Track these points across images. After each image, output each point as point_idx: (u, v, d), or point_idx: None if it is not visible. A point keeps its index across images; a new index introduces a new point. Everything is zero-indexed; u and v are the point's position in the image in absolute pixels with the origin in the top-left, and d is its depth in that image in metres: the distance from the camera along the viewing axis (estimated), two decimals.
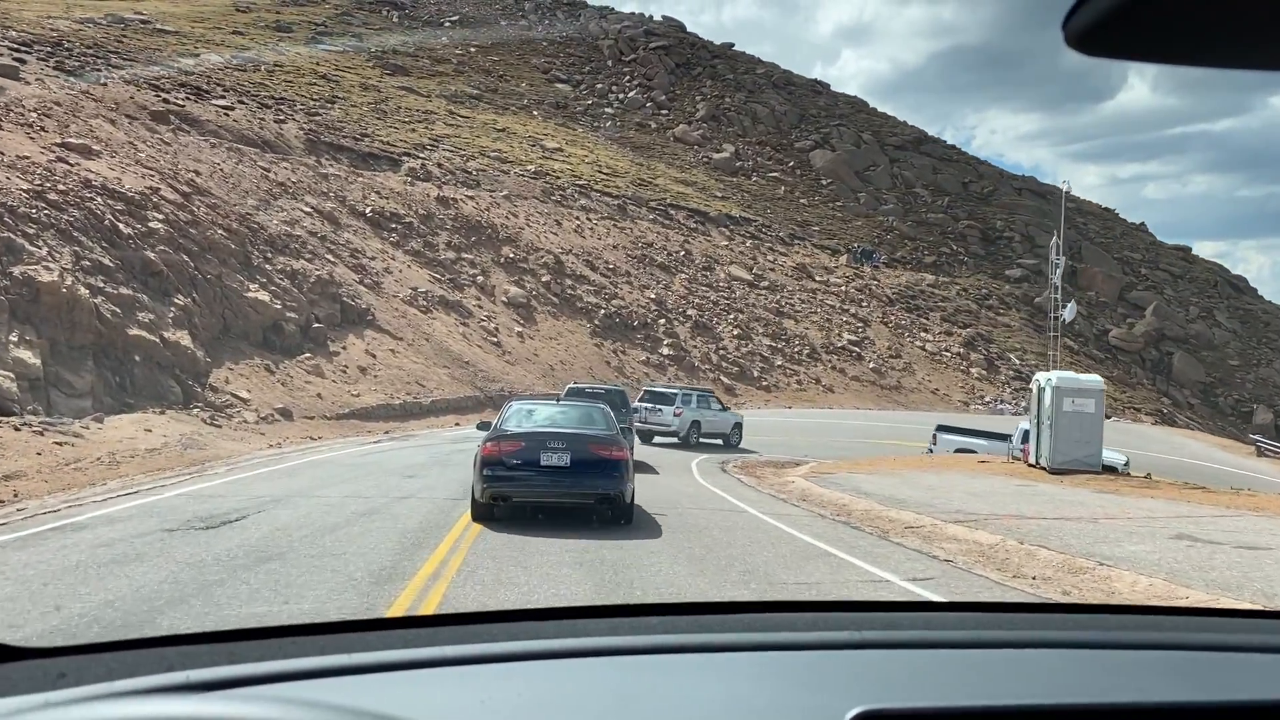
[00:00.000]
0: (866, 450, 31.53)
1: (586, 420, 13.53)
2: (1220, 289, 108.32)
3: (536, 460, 12.23)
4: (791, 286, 67.31)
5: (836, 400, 54.39)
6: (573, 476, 12.21)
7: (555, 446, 12.31)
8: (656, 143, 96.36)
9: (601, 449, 12.41)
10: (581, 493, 12.29)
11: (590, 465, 12.24)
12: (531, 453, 12.26)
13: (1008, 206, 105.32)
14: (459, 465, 18.64)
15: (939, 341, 69.79)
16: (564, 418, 13.62)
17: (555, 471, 12.20)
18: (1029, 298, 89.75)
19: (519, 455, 12.25)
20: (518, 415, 13.81)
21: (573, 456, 12.24)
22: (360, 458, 21.76)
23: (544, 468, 12.20)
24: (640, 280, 57.69)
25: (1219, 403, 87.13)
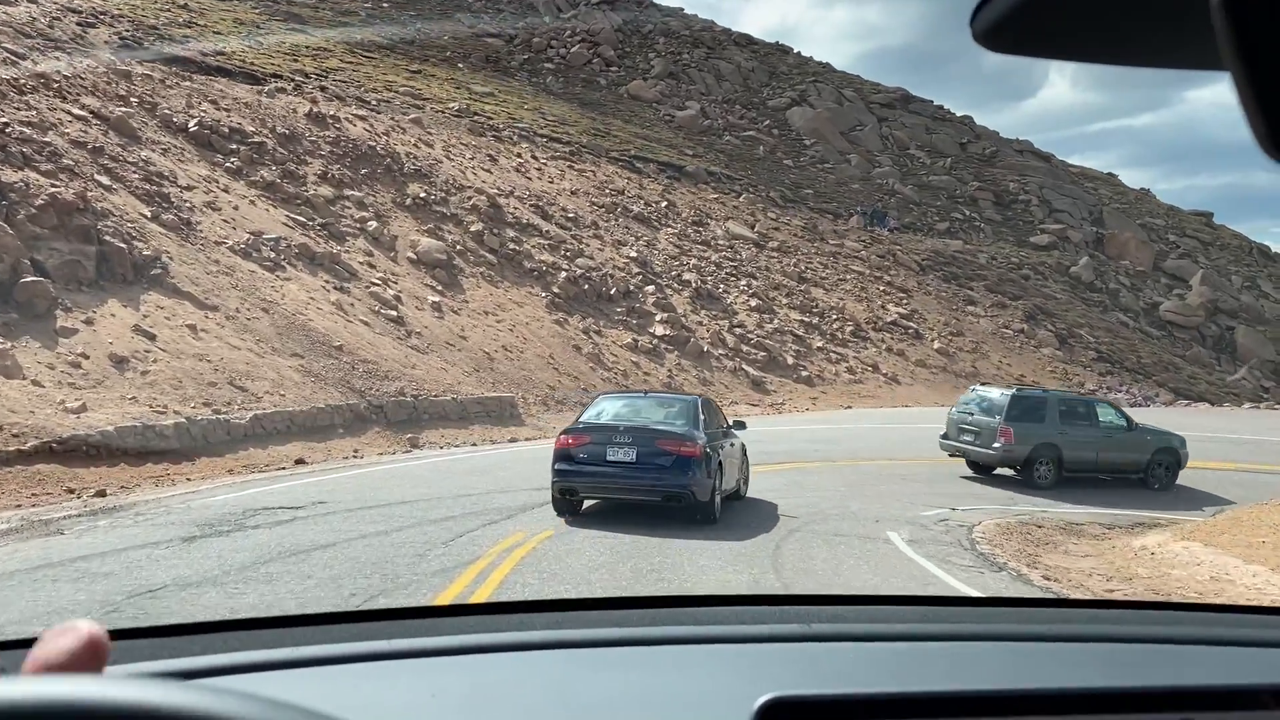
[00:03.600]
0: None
1: (661, 414, 12.57)
2: (1254, 257, 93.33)
3: (603, 455, 11.63)
4: (806, 249, 49.46)
5: (907, 395, 36.84)
6: (638, 472, 11.54)
7: (621, 441, 11.67)
8: (608, 99, 78.22)
9: (670, 444, 11.55)
10: (647, 489, 11.55)
11: (657, 461, 11.50)
12: (598, 447, 11.68)
13: (1016, 168, 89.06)
14: None
15: (993, 316, 52.54)
16: (637, 412, 12.67)
17: (621, 467, 11.58)
18: (1063, 266, 73.50)
19: (586, 450, 11.71)
20: (598, 407, 13.12)
21: (639, 452, 11.58)
22: None
23: (610, 463, 11.59)
24: (613, 234, 39.66)
25: None
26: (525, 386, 27.25)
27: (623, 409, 12.89)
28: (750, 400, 32.27)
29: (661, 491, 11.48)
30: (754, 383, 33.61)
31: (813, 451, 21.10)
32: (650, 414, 12.64)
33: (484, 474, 16.13)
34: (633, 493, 11.68)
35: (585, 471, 11.67)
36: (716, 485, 11.90)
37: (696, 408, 12.71)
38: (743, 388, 33.21)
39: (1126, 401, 42.74)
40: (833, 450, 21.48)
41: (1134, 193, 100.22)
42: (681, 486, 11.40)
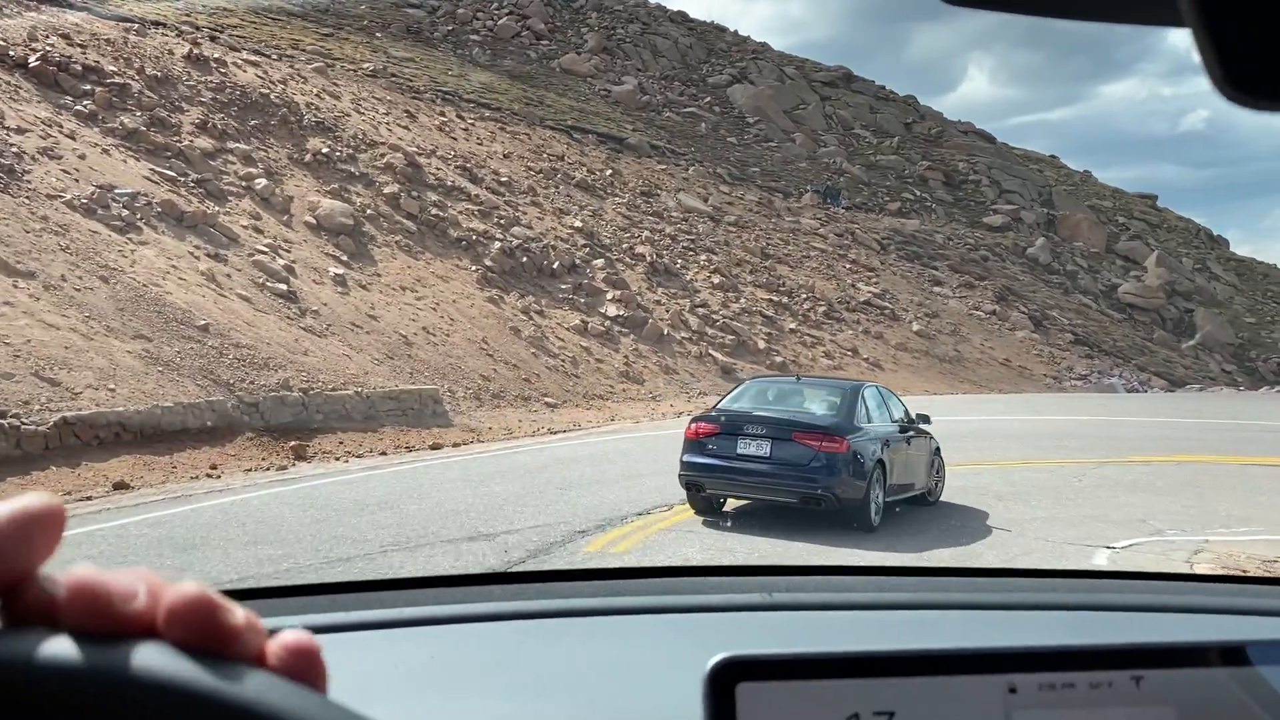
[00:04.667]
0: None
1: (810, 403, 11.00)
2: (1202, 239, 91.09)
3: (733, 447, 10.06)
4: (764, 225, 44.42)
5: (892, 383, 32.04)
6: (771, 469, 9.92)
7: (753, 432, 10.04)
8: (539, 73, 72.56)
9: (809, 438, 9.88)
10: (781, 488, 9.95)
11: (793, 457, 9.88)
12: (729, 438, 10.10)
13: (964, 148, 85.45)
14: None
15: (962, 298, 48.13)
16: (783, 399, 11.17)
17: (752, 461, 10.01)
18: (1019, 248, 69.83)
19: (715, 440, 10.18)
20: (740, 393, 11.68)
21: (773, 445, 9.94)
22: None
23: (740, 456, 10.06)
24: (554, 202, 34.11)
25: (1258, 368, 68.69)
26: (452, 377, 21.69)
27: (766, 395, 11.43)
28: (721, 390, 27.06)
29: (797, 492, 10.01)
30: (723, 370, 28.41)
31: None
32: (797, 402, 11.08)
33: (386, 509, 10.58)
34: (764, 492, 10.25)
35: (712, 465, 10.24)
36: (873, 488, 10.13)
37: (856, 397, 10.86)
38: (711, 376, 28.00)
39: (1122, 386, 38.52)
40: (980, 447, 16.62)
41: (1078, 175, 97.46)
42: (820, 487, 9.90)
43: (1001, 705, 0.76)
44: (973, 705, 0.75)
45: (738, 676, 0.73)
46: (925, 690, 0.76)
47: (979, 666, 0.77)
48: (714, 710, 0.72)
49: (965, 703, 0.76)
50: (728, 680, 0.73)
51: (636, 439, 17.99)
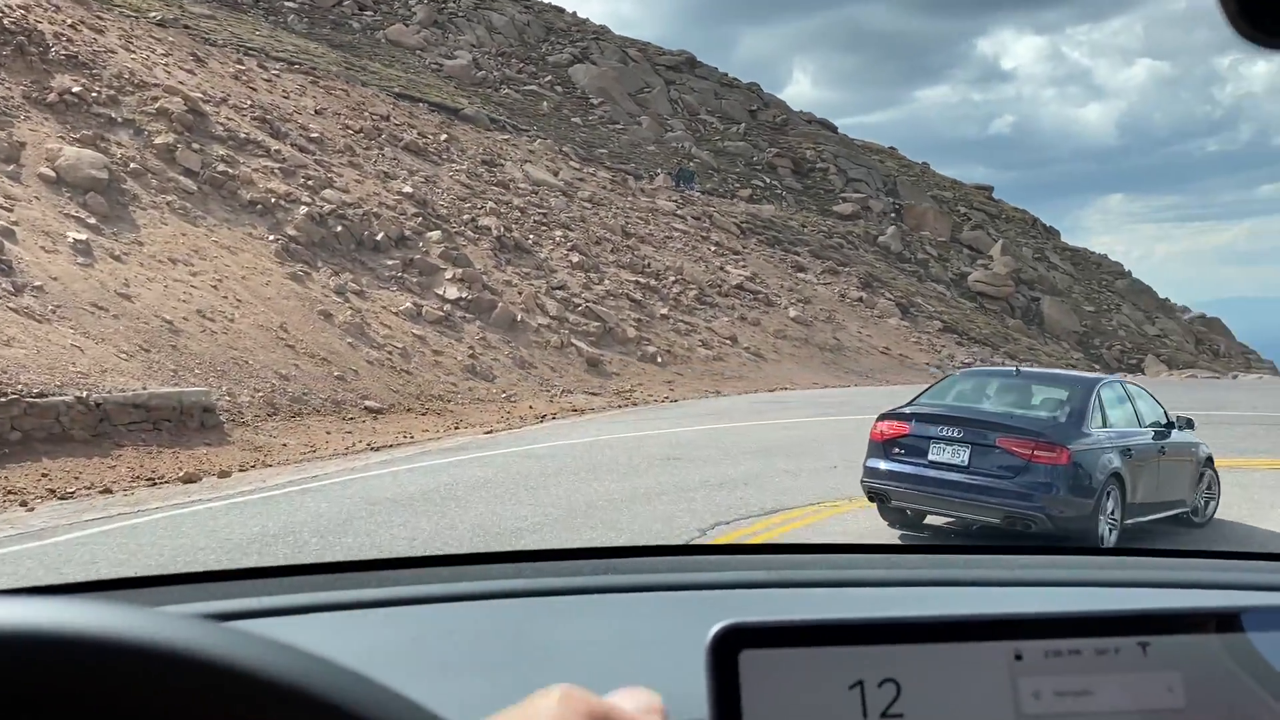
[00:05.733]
0: None
1: (1029, 400, 9.20)
2: (1038, 229, 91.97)
3: (924, 452, 8.46)
4: (621, 204, 39.68)
5: (778, 374, 27.61)
6: (968, 481, 8.25)
7: (949, 435, 8.42)
8: (363, 43, 65.95)
9: (1017, 444, 8.22)
10: (980, 504, 8.24)
11: (996, 468, 8.23)
12: (919, 441, 8.52)
13: (810, 137, 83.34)
14: None
15: (828, 284, 44.73)
16: (996, 395, 9.42)
17: (946, 470, 8.37)
18: (871, 236, 67.69)
19: (904, 443, 8.62)
20: (944, 387, 9.87)
21: (972, 452, 8.30)
22: None
23: (933, 463, 8.43)
24: (378, 165, 28.30)
25: (1103, 354, 68.53)
26: (235, 376, 15.94)
27: (974, 390, 9.60)
28: (589, 388, 22.08)
29: (1001, 510, 8.20)
30: (589, 363, 23.42)
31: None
32: (1011, 400, 9.22)
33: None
34: (960, 508, 8.45)
35: (900, 473, 8.59)
36: (1104, 507, 8.18)
37: (1087, 396, 8.64)
38: (575, 370, 22.95)
39: None
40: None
41: (918, 166, 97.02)
42: (1031, 506, 8.07)
43: (1007, 672, 0.75)
44: (978, 672, 0.75)
45: (740, 644, 0.72)
46: (930, 657, 0.75)
47: (984, 634, 0.76)
48: (717, 678, 0.71)
49: (970, 670, 0.75)
50: (730, 648, 0.72)
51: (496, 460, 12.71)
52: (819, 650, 0.73)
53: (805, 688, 0.73)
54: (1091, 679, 0.75)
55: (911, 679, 0.74)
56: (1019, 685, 0.74)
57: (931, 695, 0.74)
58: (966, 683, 0.74)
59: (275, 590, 1.46)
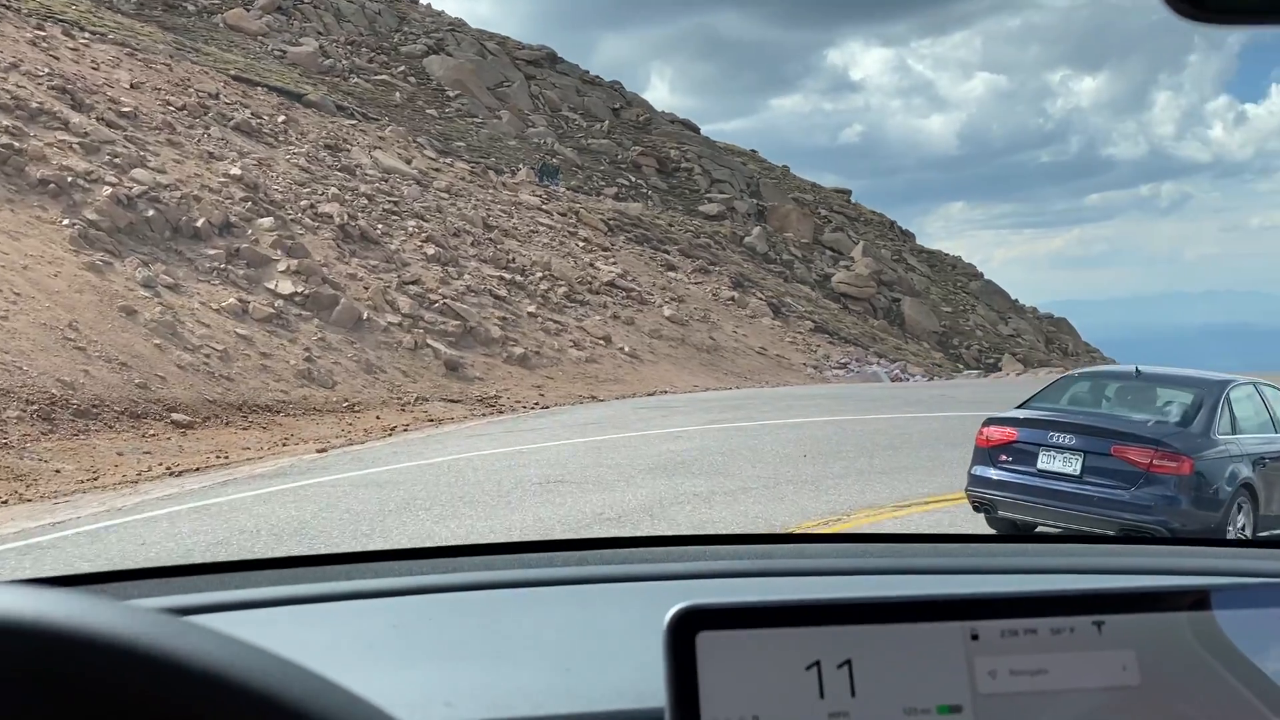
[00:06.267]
0: None
1: (1149, 405, 8.45)
2: (895, 232, 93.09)
3: (1033, 460, 7.94)
4: (482, 196, 36.91)
5: (656, 376, 25.43)
6: (1081, 491, 7.65)
7: (1059, 442, 7.86)
8: (199, 26, 61.17)
9: (1135, 452, 7.60)
10: (1094, 517, 7.53)
11: (1111, 477, 7.61)
12: (1028, 448, 7.99)
13: (674, 136, 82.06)
14: None
15: (699, 283, 43.02)
16: (1114, 399, 8.74)
17: (1056, 480, 7.80)
18: (737, 236, 66.67)
19: (1011, 450, 8.07)
20: (1057, 390, 8.98)
21: (1085, 460, 7.73)
22: None
23: (1042, 472, 7.88)
24: (202, 144, 24.79)
25: (962, 354, 69.18)
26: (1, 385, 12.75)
27: (1090, 394, 8.87)
28: (448, 394, 19.38)
29: (1117, 522, 7.47)
30: (448, 366, 20.69)
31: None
32: (1130, 404, 8.54)
33: None
34: (1072, 520, 7.75)
35: (1007, 481, 8.10)
36: (1232, 520, 7.62)
37: (1216, 399, 8.02)
38: (432, 375, 20.18)
39: (888, 376, 34.44)
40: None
41: (779, 169, 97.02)
42: (1149, 518, 7.41)
43: (963, 651, 0.75)
44: (935, 652, 0.75)
45: (698, 626, 0.72)
46: (887, 638, 0.74)
47: (940, 613, 0.75)
48: (674, 660, 0.71)
49: (927, 649, 0.75)
50: (688, 630, 0.72)
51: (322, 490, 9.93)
52: (776, 631, 0.73)
53: (762, 669, 0.72)
54: (1047, 658, 0.75)
55: (868, 659, 0.73)
56: (975, 664, 0.74)
57: (888, 675, 0.73)
58: (923, 662, 0.74)
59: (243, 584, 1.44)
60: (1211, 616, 0.78)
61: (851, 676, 0.73)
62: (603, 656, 1.27)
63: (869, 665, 0.73)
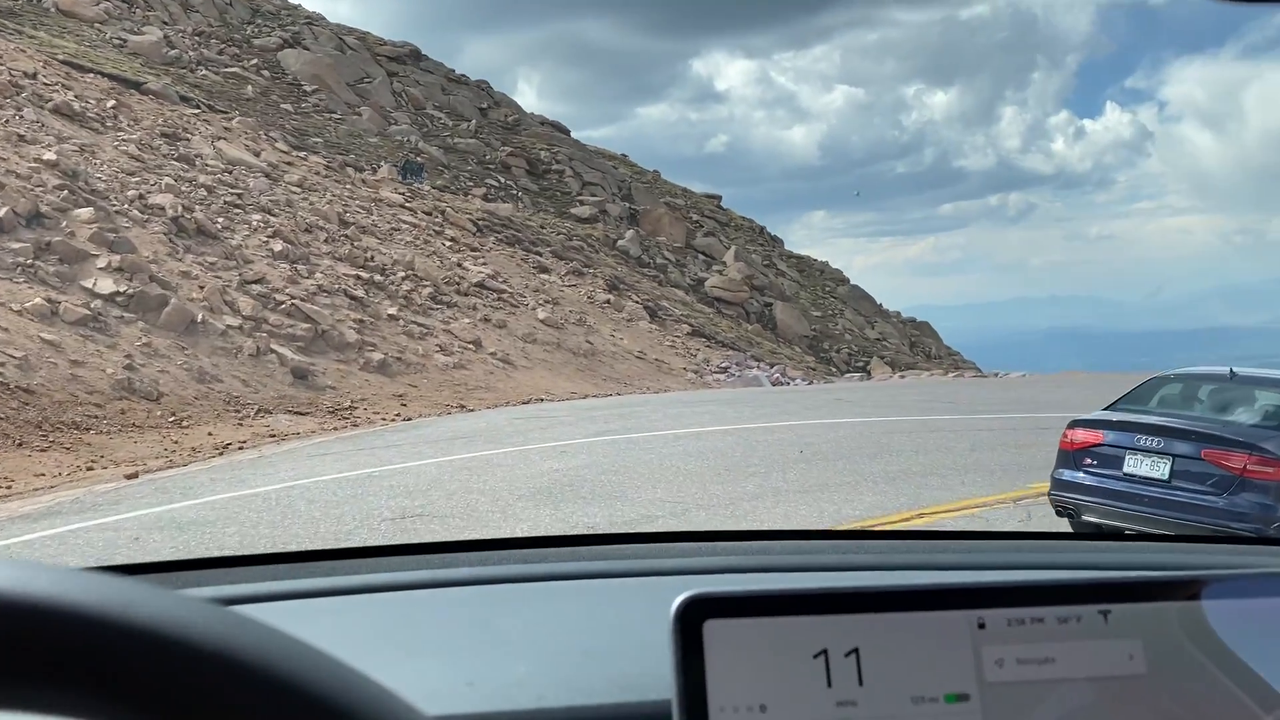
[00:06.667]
0: None
1: (1240, 408, 7.86)
2: (764, 237, 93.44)
3: (1119, 464, 7.54)
4: (339, 191, 34.33)
5: (531, 383, 23.48)
6: (1169, 497, 7.23)
7: (1146, 446, 7.45)
8: (27, 10, 56.41)
9: (1227, 458, 7.12)
10: (1181, 525, 7.10)
11: (1200, 483, 7.20)
12: (1114, 451, 7.57)
13: (544, 137, 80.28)
14: None
15: (574, 286, 41.33)
16: (1207, 400, 8.20)
17: (1143, 485, 7.36)
18: (610, 240, 65.33)
19: (1096, 453, 7.66)
20: (1148, 389, 8.50)
21: (1174, 466, 7.31)
22: None
23: (1127, 477, 7.46)
24: (10, 126, 21.62)
25: (832, 358, 69.36)
26: None
27: (1181, 395, 8.39)
28: (295, 405, 17.11)
29: (1208, 530, 6.97)
30: (296, 373, 18.38)
31: None
32: (1223, 406, 7.98)
33: None
34: (1160, 526, 7.21)
35: (1091, 486, 7.70)
36: None
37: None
38: (277, 384, 17.83)
39: (769, 380, 33.35)
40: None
41: (650, 173, 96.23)
42: (1244, 526, 6.86)
43: (970, 640, 0.75)
44: (942, 640, 0.75)
45: (705, 614, 0.72)
46: (894, 626, 0.75)
47: (947, 602, 0.76)
48: (682, 648, 0.71)
49: (934, 638, 0.75)
50: (695, 618, 0.72)
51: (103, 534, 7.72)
52: (783, 620, 0.72)
53: (770, 657, 0.72)
54: (1054, 646, 0.75)
55: (875, 648, 0.73)
56: (982, 653, 0.74)
57: (895, 664, 0.73)
58: (930, 651, 0.74)
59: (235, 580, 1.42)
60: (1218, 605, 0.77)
61: (859, 665, 0.73)
62: (604, 650, 1.24)
63: (876, 654, 0.73)
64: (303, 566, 1.55)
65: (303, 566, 1.55)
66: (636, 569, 1.55)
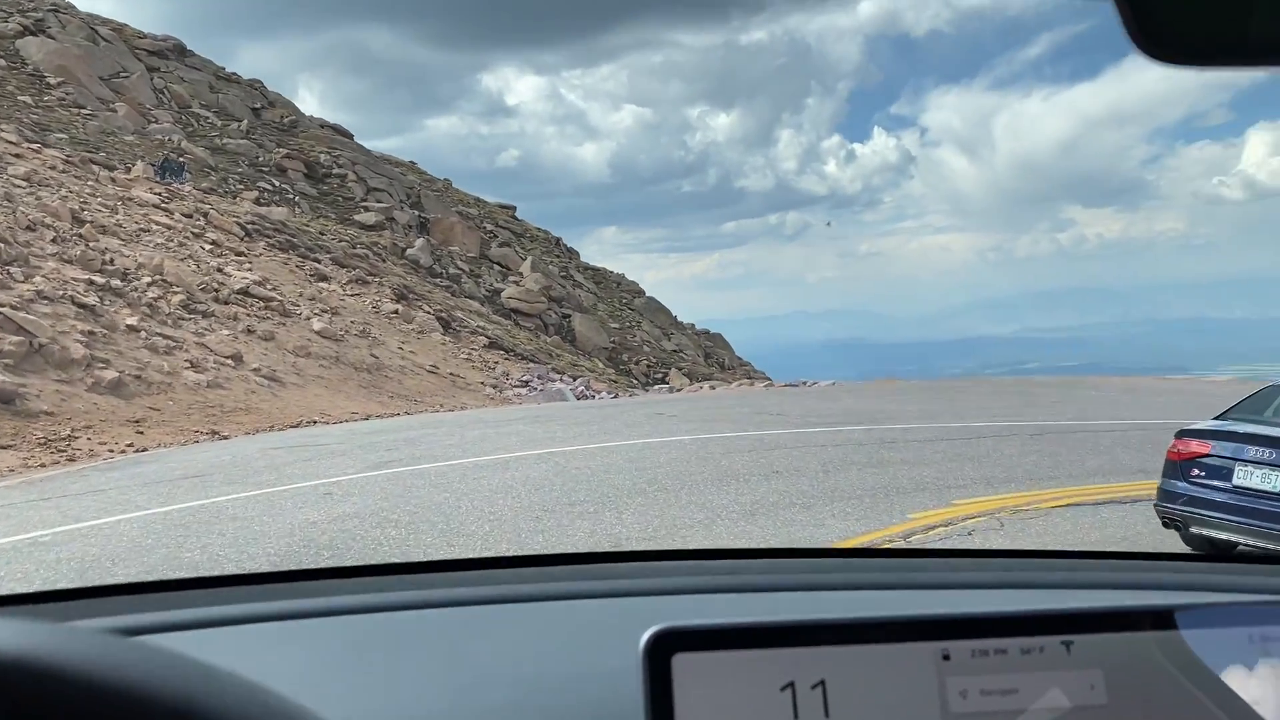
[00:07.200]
0: None
1: None
2: (560, 249, 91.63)
3: (1228, 475, 6.89)
4: (77, 187, 29.64)
5: (303, 403, 20.23)
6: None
7: (1258, 458, 6.75)
8: None
9: None
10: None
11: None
12: (1223, 462, 6.94)
13: (323, 141, 75.46)
14: None
15: (357, 295, 37.85)
16: None
17: (1253, 498, 6.66)
18: (399, 248, 61.66)
19: (1204, 464, 7.08)
20: (1262, 399, 7.82)
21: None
22: None
23: (1236, 489, 6.81)
24: None
25: (631, 369, 67.98)
26: None
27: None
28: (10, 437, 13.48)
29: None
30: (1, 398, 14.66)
31: None
32: None
33: None
34: (1273, 540, 6.55)
35: (1199, 498, 7.04)
36: None
37: None
38: None
39: (573, 394, 31.12)
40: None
41: (440, 181, 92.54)
42: None
43: (935, 672, 0.76)
44: (907, 672, 0.75)
45: (673, 648, 0.73)
46: (860, 658, 0.75)
47: (912, 634, 0.76)
48: (651, 682, 0.71)
49: (899, 670, 0.75)
50: (664, 652, 0.72)
51: None
52: (751, 653, 0.73)
53: (738, 690, 0.72)
54: (1017, 677, 0.75)
55: (841, 680, 0.74)
56: (947, 685, 0.75)
57: (861, 696, 0.74)
58: (895, 683, 0.74)
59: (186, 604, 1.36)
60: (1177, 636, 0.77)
61: (825, 697, 0.73)
62: (572, 675, 1.21)
63: (842, 686, 0.73)
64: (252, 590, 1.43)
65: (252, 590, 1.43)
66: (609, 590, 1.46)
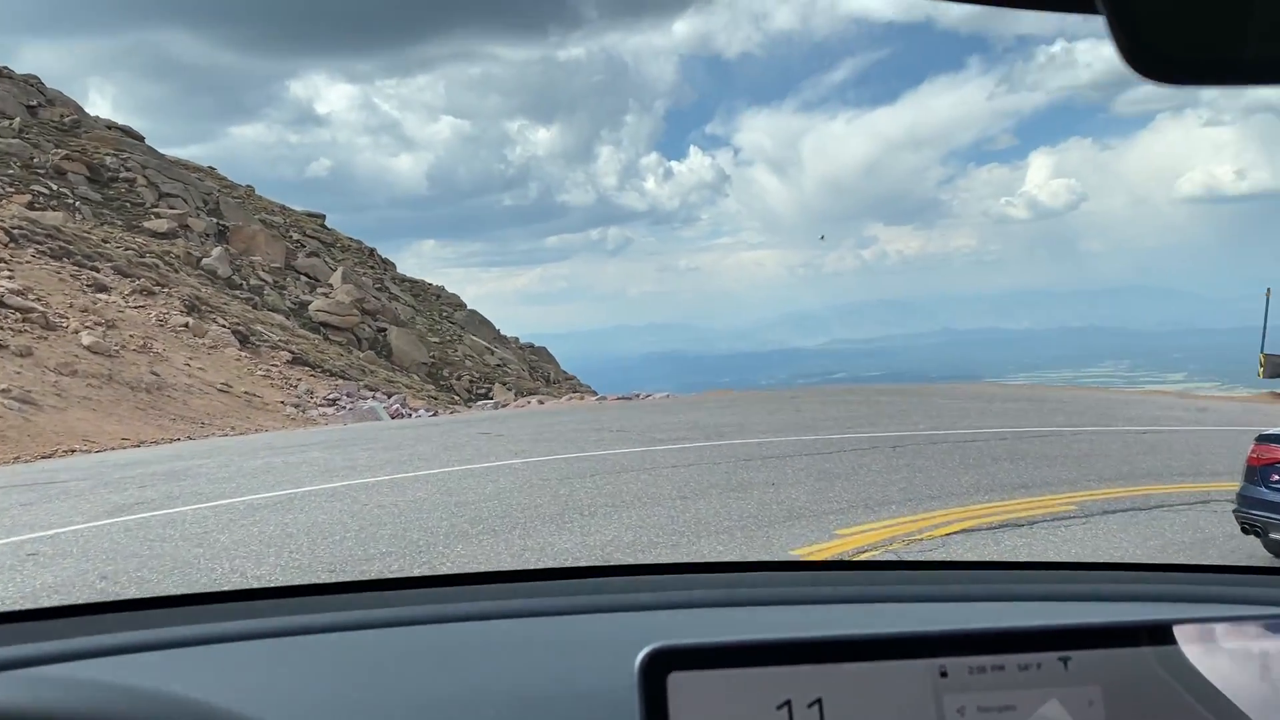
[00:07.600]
0: None
1: None
2: (375, 259, 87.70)
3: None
4: None
5: (65, 429, 17.11)
6: None
7: None
8: None
9: None
10: None
11: None
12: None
13: (110, 143, 69.40)
14: None
15: (141, 307, 34.00)
16: None
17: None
18: (194, 258, 56.88)
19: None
20: None
21: None
22: None
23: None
24: None
25: (453, 385, 65.09)
26: None
27: None
28: None
29: None
30: None
31: None
32: None
33: None
34: None
35: (1272, 501, 6.81)
36: None
37: None
38: None
39: (387, 413, 28.53)
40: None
41: (242, 188, 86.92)
42: None
43: (932, 689, 0.75)
44: (904, 690, 0.75)
45: (669, 666, 0.72)
46: (856, 676, 0.75)
47: (909, 651, 0.76)
48: (646, 701, 0.71)
49: (896, 688, 0.75)
50: (659, 670, 0.72)
51: None
52: (747, 671, 0.73)
53: (734, 708, 0.72)
54: (1015, 694, 0.75)
55: (838, 698, 0.73)
56: (944, 702, 0.75)
57: (858, 713, 0.73)
58: (892, 701, 0.74)
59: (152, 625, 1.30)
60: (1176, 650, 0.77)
61: (822, 715, 0.72)
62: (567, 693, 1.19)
63: (839, 704, 0.72)
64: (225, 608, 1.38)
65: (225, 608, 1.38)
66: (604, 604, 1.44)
